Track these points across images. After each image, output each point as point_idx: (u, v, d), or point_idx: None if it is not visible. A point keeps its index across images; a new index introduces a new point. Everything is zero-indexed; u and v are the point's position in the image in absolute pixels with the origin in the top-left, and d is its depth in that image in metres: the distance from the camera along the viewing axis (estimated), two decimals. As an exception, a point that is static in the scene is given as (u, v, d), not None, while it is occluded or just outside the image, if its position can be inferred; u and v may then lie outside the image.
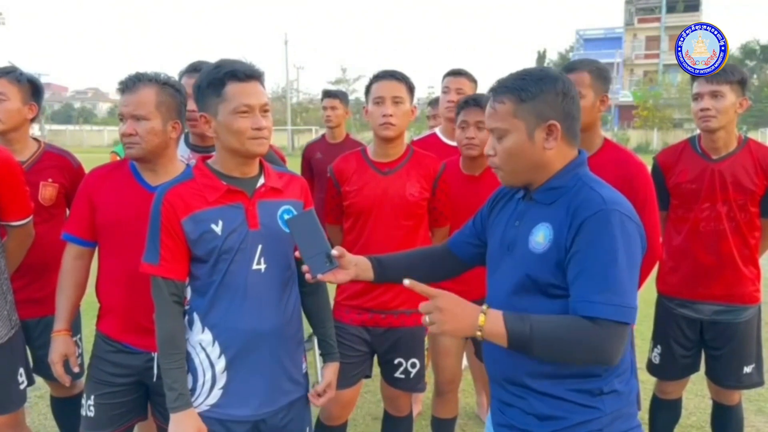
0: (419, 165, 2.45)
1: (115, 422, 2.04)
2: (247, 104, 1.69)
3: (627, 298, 1.33)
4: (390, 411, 2.63)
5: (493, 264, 1.60)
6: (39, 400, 3.54)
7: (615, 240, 1.34)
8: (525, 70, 1.51)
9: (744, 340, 2.58)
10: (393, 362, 2.47)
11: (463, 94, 3.20)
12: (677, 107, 36.31)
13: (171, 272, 1.73)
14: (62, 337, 2.07)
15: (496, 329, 1.32)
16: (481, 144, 2.44)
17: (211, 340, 1.75)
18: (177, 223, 1.70)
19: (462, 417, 3.28)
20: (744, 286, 2.54)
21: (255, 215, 1.76)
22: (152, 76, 1.99)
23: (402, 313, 2.41)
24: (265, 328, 1.77)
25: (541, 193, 1.49)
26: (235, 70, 1.69)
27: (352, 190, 2.42)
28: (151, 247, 1.73)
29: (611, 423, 1.44)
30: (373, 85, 2.42)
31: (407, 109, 2.39)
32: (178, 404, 1.70)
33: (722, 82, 2.44)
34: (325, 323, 2.00)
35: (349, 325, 2.43)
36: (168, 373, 1.71)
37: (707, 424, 3.18)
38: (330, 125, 4.30)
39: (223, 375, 1.76)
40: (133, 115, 1.94)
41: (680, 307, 2.64)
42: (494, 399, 1.62)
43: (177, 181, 1.77)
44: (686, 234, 2.58)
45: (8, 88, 2.42)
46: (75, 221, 2.07)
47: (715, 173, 2.51)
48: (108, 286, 2.05)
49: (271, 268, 1.78)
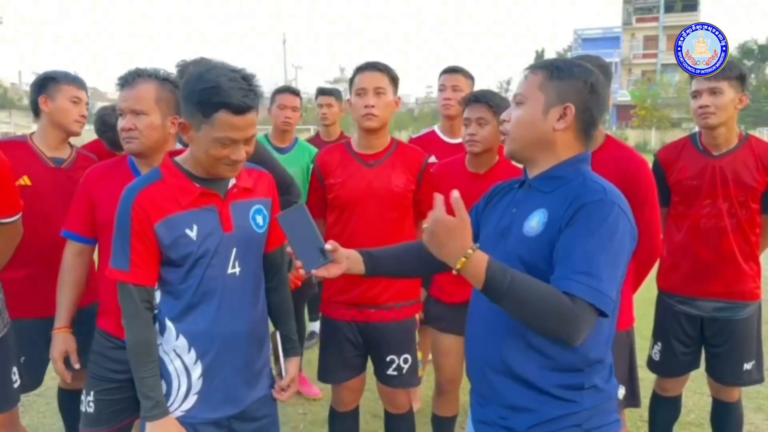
0: (404, 157, 2.45)
1: (114, 418, 2.03)
2: (232, 138, 1.60)
3: (606, 286, 1.32)
4: (390, 409, 2.62)
5: (486, 251, 1.57)
6: (37, 398, 3.52)
7: (609, 230, 1.35)
8: (567, 57, 1.53)
9: (744, 337, 2.58)
10: (385, 360, 2.46)
11: (459, 90, 3.19)
12: (675, 107, 36.34)
13: (142, 279, 1.67)
14: (63, 334, 2.08)
15: (475, 271, 1.30)
16: (482, 140, 2.43)
17: (186, 347, 1.71)
18: (149, 227, 1.63)
19: (461, 415, 3.27)
20: (744, 282, 2.55)
21: (229, 218, 1.72)
22: (152, 71, 1.98)
23: (392, 308, 2.41)
24: (240, 331, 1.75)
25: (541, 180, 1.50)
26: (230, 103, 1.56)
27: (337, 182, 2.41)
28: (120, 252, 1.66)
29: (590, 418, 1.45)
30: (356, 76, 2.41)
31: (390, 100, 2.39)
32: (155, 413, 1.66)
33: (720, 79, 2.44)
34: (288, 319, 1.97)
35: (339, 321, 2.44)
36: (143, 381, 1.67)
37: (706, 422, 3.18)
38: (326, 123, 4.34)
39: (199, 381, 1.73)
40: (133, 110, 1.93)
41: (680, 304, 2.64)
42: (474, 394, 1.63)
43: (146, 182, 1.69)
44: (687, 231, 2.58)
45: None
46: (75, 218, 2.08)
47: (716, 170, 2.51)
48: (107, 282, 2.02)
49: (245, 272, 1.75)
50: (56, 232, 2.31)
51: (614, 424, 1.50)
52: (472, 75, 3.29)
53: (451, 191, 2.61)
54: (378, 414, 3.50)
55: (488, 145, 2.45)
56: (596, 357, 1.46)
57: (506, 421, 1.49)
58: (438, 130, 3.36)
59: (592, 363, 1.45)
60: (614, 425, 1.50)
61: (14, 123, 36.83)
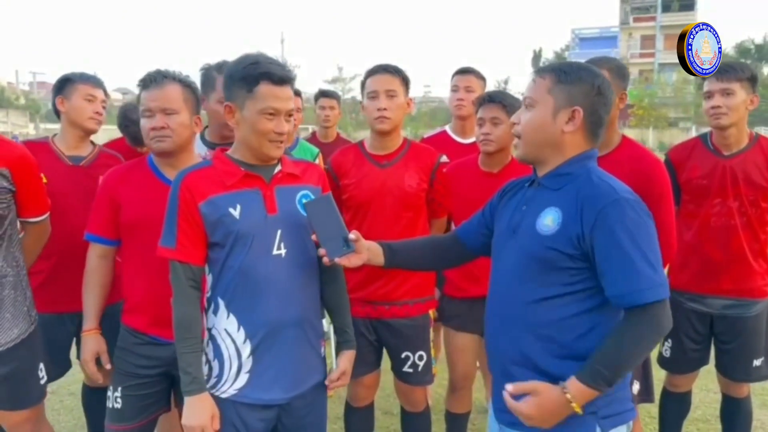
0: (417, 157, 2.48)
1: (141, 413, 2.06)
2: (275, 108, 1.70)
3: (660, 274, 1.43)
4: (406, 407, 2.65)
5: (498, 247, 1.68)
6: (51, 395, 3.53)
7: (635, 226, 1.43)
8: (574, 61, 1.66)
9: (753, 333, 2.62)
10: (400, 357, 2.49)
11: (471, 91, 3.23)
12: (673, 106, 36.45)
13: (188, 256, 1.73)
14: (93, 335, 2.12)
15: (583, 396, 1.42)
16: (496, 140, 2.47)
17: (236, 326, 1.75)
18: (194, 207, 1.71)
19: (473, 412, 3.31)
20: (754, 280, 2.58)
21: (273, 200, 1.77)
22: (174, 74, 2.04)
23: (405, 304, 2.44)
24: (289, 315, 1.78)
25: (550, 178, 1.57)
26: (270, 72, 1.69)
27: (351, 183, 2.44)
28: (168, 231, 1.73)
29: (605, 405, 1.48)
30: (368, 80, 2.44)
31: (402, 102, 2.42)
32: (192, 388, 1.71)
33: (732, 80, 2.47)
34: (343, 312, 2.01)
35: (354, 318, 2.46)
36: (183, 357, 1.72)
37: (713, 418, 3.22)
38: (326, 125, 4.43)
39: (248, 360, 1.76)
40: (164, 109, 1.98)
41: (690, 302, 2.67)
42: (495, 385, 1.66)
43: (195, 167, 1.79)
44: (697, 229, 2.61)
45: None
46: (98, 221, 2.10)
47: (726, 169, 2.54)
48: (134, 281, 2.07)
49: (292, 254, 1.78)
50: (72, 229, 2.35)
51: (629, 413, 1.55)
52: (484, 76, 3.34)
53: (464, 190, 2.66)
54: (390, 411, 3.54)
55: (502, 144, 2.49)
56: None
57: None
58: (449, 130, 3.39)
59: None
60: (630, 413, 1.55)
61: (11, 122, 36.69)
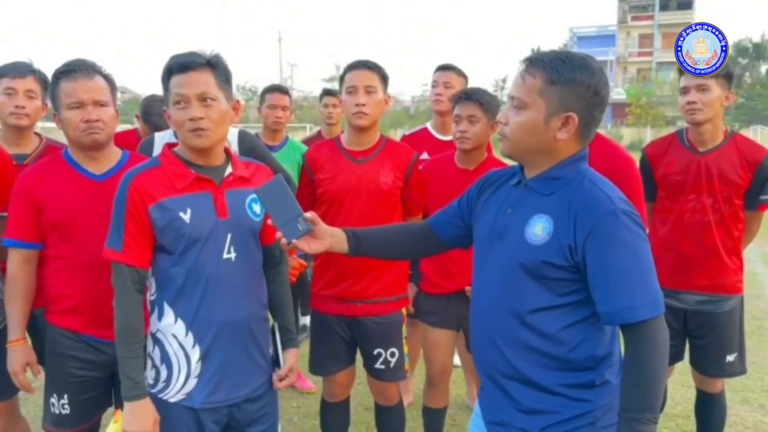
0: (393, 154, 2.47)
1: (91, 415, 2.06)
2: (180, 94, 1.65)
3: (655, 290, 1.35)
4: (380, 402, 2.66)
5: (482, 252, 1.57)
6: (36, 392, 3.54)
7: (632, 239, 1.35)
8: (568, 52, 1.47)
9: (726, 329, 2.63)
10: (372, 353, 2.49)
11: (450, 87, 3.24)
12: (670, 105, 36.38)
13: (134, 259, 1.69)
14: (21, 346, 2.00)
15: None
16: (473, 137, 2.47)
17: (184, 330, 1.73)
18: (144, 210, 1.67)
19: (452, 407, 3.32)
20: (727, 276, 2.59)
21: (224, 204, 1.74)
22: (96, 65, 1.96)
23: (378, 302, 2.44)
24: (238, 317, 1.76)
25: (539, 182, 1.47)
26: (173, 64, 1.67)
27: (326, 177, 2.44)
28: (115, 233, 1.69)
29: (604, 415, 1.43)
30: (347, 74, 2.43)
31: (380, 98, 2.41)
32: (134, 393, 1.68)
33: (708, 76, 2.48)
34: (286, 310, 1.98)
35: (327, 315, 2.47)
36: (126, 361, 1.68)
37: (693, 413, 3.23)
38: (330, 122, 4.43)
39: (198, 364, 1.74)
40: (96, 101, 1.91)
41: (665, 297, 2.66)
42: (484, 394, 1.61)
43: (143, 168, 1.73)
44: (671, 225, 2.62)
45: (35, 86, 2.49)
46: (17, 225, 1.97)
47: (701, 165, 2.55)
48: (66, 282, 1.97)
49: (241, 257, 1.77)
50: None
51: None
52: (465, 73, 3.33)
53: (440, 187, 2.64)
54: (370, 407, 3.54)
55: (478, 142, 2.50)
56: (603, 352, 1.45)
57: (521, 422, 1.48)
58: (430, 127, 3.40)
59: (600, 359, 1.44)
60: None
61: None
